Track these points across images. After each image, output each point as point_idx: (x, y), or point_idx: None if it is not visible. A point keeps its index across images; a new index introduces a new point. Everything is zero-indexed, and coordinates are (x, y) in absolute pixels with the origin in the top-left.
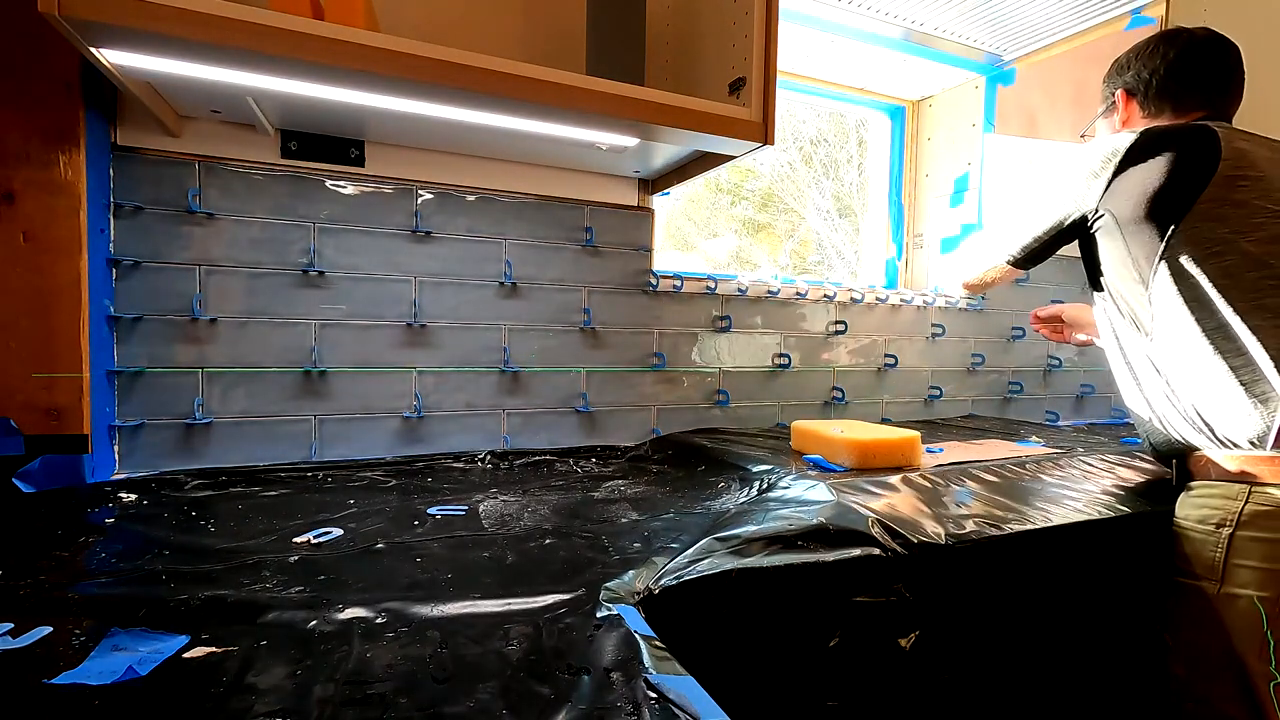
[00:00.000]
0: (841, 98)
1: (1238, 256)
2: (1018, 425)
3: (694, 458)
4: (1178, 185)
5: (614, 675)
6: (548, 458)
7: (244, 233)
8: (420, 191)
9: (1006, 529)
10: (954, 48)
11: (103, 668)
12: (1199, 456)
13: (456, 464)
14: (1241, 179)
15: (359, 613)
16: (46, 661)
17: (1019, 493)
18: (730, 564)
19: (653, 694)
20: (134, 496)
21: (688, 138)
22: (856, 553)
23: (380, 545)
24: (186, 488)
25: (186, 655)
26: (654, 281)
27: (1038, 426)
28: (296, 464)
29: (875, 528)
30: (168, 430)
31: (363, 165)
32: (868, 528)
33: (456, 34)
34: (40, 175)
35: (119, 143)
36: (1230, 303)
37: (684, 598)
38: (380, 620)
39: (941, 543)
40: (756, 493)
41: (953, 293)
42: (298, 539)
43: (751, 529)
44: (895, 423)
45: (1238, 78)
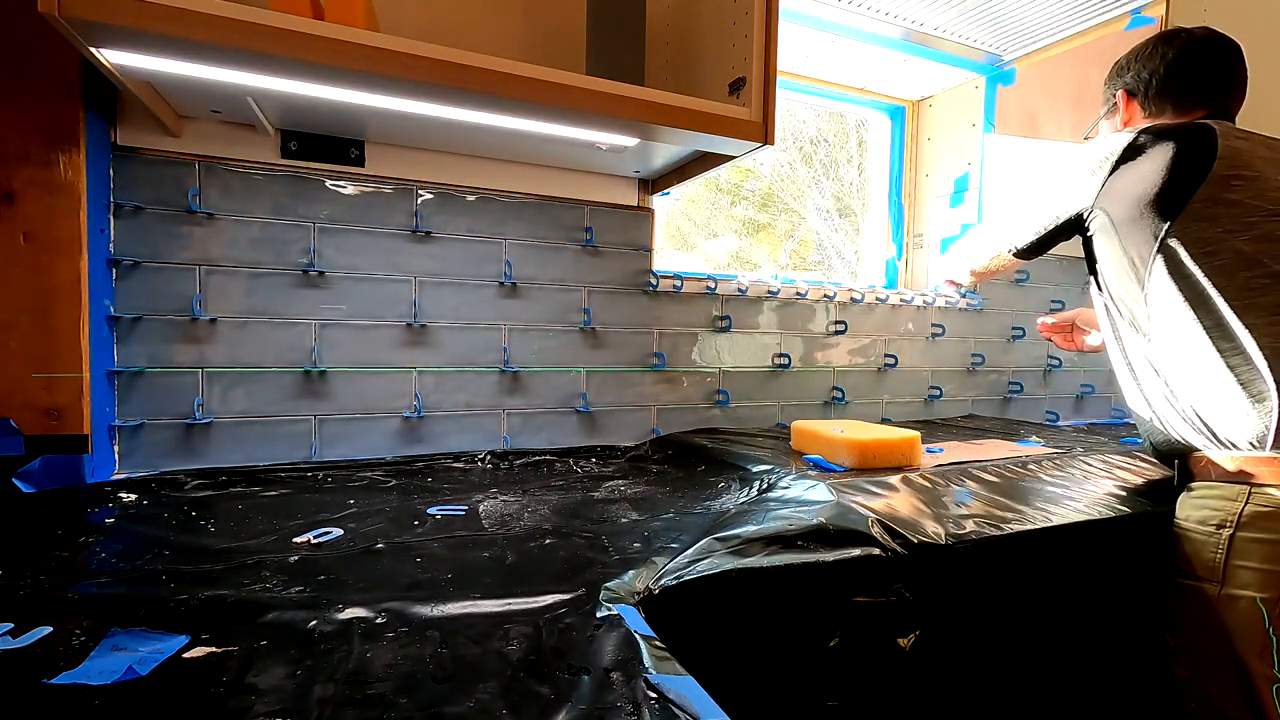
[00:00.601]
0: (841, 98)
1: (1231, 256)
2: (1018, 425)
3: (694, 458)
4: (1171, 184)
5: (614, 675)
6: (548, 458)
7: (244, 233)
8: (420, 191)
9: (1006, 529)
10: (954, 48)
11: (103, 668)
12: (1199, 457)
13: (456, 464)
14: (1236, 178)
15: (359, 613)
16: (46, 661)
17: (1019, 493)
18: (730, 564)
19: (653, 694)
20: (134, 496)
21: (688, 138)
22: (856, 553)
23: (380, 545)
24: (186, 488)
25: (186, 655)
26: (654, 281)
27: (1038, 426)
28: (296, 464)
29: (875, 528)
30: (168, 430)
31: (363, 165)
32: (868, 528)
33: (456, 34)
34: (40, 175)
35: (119, 143)
36: (1226, 301)
37: (684, 598)
38: (380, 620)
39: (941, 543)
40: (756, 493)
41: (953, 282)
42: (298, 539)
43: (751, 529)
44: (895, 423)
45: (1239, 76)
